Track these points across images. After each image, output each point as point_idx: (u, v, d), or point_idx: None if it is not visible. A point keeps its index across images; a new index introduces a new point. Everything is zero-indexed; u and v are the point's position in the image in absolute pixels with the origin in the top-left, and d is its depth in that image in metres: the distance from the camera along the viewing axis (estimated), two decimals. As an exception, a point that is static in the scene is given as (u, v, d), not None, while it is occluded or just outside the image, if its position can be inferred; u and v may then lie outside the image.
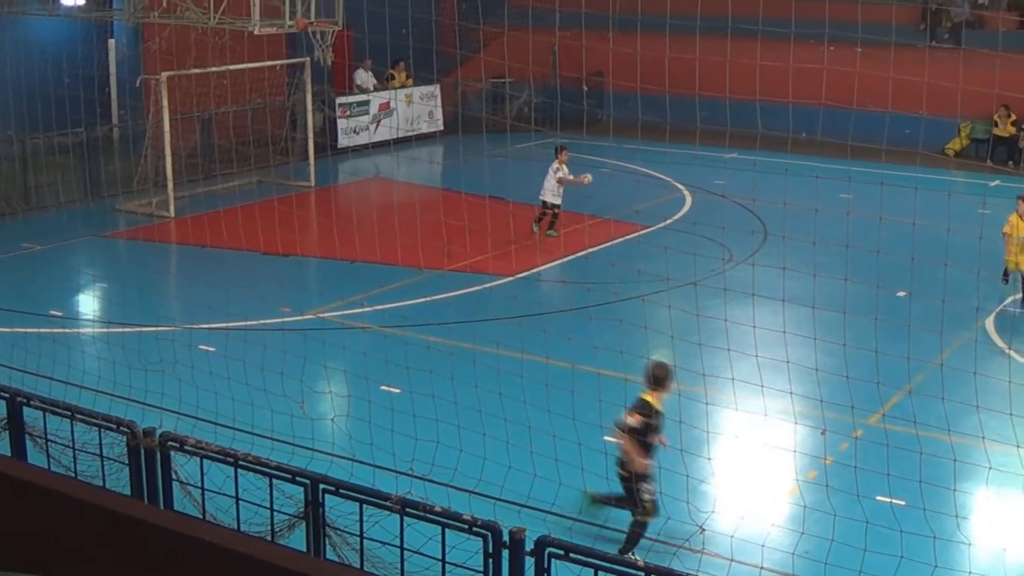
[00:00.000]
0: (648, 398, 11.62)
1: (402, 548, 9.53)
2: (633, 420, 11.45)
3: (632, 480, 11.33)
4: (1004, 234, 19.65)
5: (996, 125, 31.44)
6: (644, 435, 11.51)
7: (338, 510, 10.15)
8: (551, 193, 23.43)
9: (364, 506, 9.76)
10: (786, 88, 32.60)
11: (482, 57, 35.93)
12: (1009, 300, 19.06)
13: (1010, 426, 13.36)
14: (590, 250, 22.20)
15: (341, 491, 10.04)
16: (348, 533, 9.98)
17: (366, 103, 32.40)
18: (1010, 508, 12.72)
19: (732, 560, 11.09)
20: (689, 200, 26.44)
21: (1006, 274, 19.81)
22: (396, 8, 31.83)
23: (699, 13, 32.98)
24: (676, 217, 24.73)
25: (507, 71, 34.37)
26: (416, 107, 33.74)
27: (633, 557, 11.00)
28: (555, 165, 23.53)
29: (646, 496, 11.35)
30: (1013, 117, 31.11)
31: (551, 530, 9.92)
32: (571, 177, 23.51)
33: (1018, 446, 13.19)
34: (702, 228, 22.87)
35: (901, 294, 19.00)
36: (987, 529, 12.32)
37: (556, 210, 23.51)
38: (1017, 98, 29.89)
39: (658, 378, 11.63)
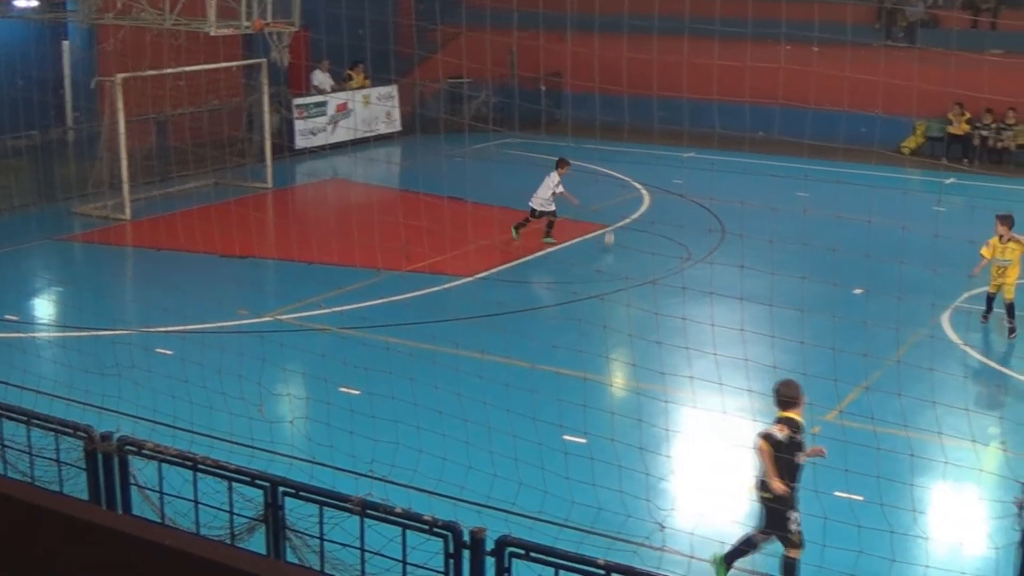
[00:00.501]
0: (792, 415, 10.99)
1: (363, 550, 9.51)
2: (779, 432, 10.81)
3: (776, 502, 10.76)
4: (982, 256, 18.53)
5: (950, 123, 31.73)
6: (790, 452, 10.87)
7: (298, 512, 10.12)
8: (541, 201, 23.06)
9: (324, 508, 9.74)
10: (743, 87, 32.88)
11: (440, 57, 35.90)
12: (965, 296, 19.19)
13: (966, 421, 13.47)
14: (549, 250, 22.24)
15: (300, 493, 10.01)
16: (308, 535, 9.95)
17: (323, 104, 32.32)
18: (966, 502, 12.82)
19: (692, 557, 11.14)
20: (647, 199, 26.54)
21: (990, 307, 18.54)
22: (353, 9, 31.83)
23: (657, 13, 33.25)
24: (634, 216, 24.80)
25: (465, 71, 34.38)
26: (374, 108, 33.68)
27: None
28: (555, 178, 23.06)
29: (793, 527, 10.74)
30: (967, 115, 31.39)
31: (512, 530, 9.91)
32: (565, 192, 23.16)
33: (974, 441, 13.32)
34: (660, 227, 22.95)
35: (858, 291, 19.15)
36: (944, 523, 12.41)
37: (551, 217, 23.07)
38: (971, 96, 30.18)
39: (792, 396, 11.01)
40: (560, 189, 23.00)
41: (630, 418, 13.73)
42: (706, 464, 13.57)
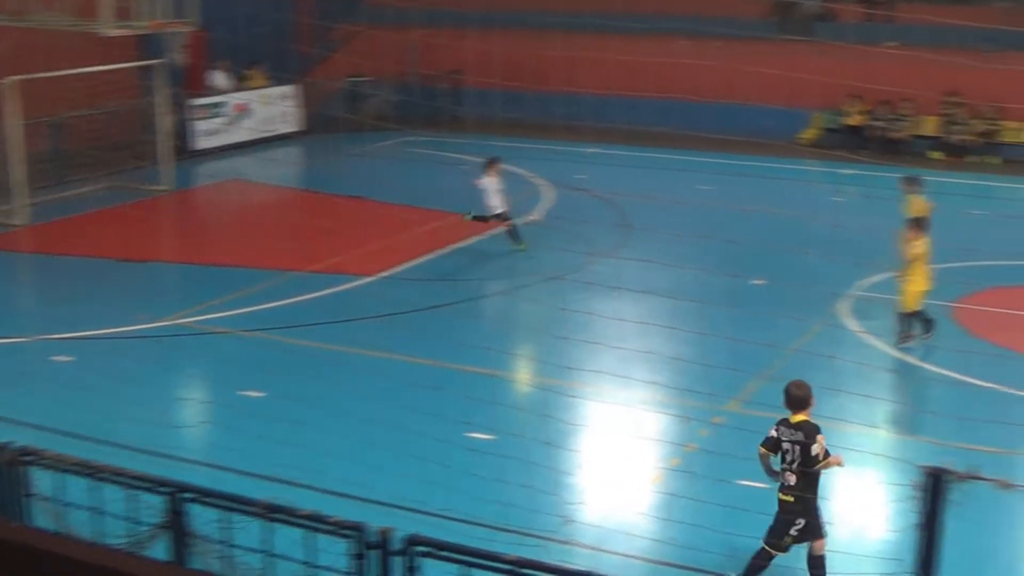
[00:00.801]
0: (804, 417, 10.61)
1: (268, 554, 9.43)
2: (824, 441, 10.42)
3: (797, 513, 10.40)
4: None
5: (847, 115, 32.21)
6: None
7: (203, 517, 10.01)
8: (497, 205, 21.87)
9: (229, 512, 9.63)
10: (644, 82, 33.08)
11: (340, 56, 35.72)
12: (863, 284, 19.46)
13: (865, 407, 13.71)
14: (453, 246, 22.19)
15: (204, 499, 9.89)
16: (213, 541, 9.84)
17: (222, 104, 31.96)
18: (867, 487, 13.02)
19: (599, 550, 11.19)
20: (551, 195, 26.59)
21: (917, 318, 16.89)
22: (251, 8, 31.55)
23: (557, 10, 33.33)
24: (539, 212, 24.81)
25: (364, 70, 34.26)
26: (273, 108, 33.40)
27: None
28: (488, 179, 22.02)
29: (794, 532, 10.44)
30: (863, 107, 31.90)
31: (420, 529, 9.89)
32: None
33: (874, 427, 13.56)
34: (565, 223, 23.02)
35: (759, 282, 19.37)
36: (846, 508, 12.58)
37: (490, 218, 21.95)
38: (867, 88, 30.67)
39: (804, 398, 10.65)
40: (492, 188, 21.98)
41: (537, 414, 13.79)
42: (612, 457, 13.63)
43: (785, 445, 10.55)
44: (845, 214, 22.69)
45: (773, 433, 10.68)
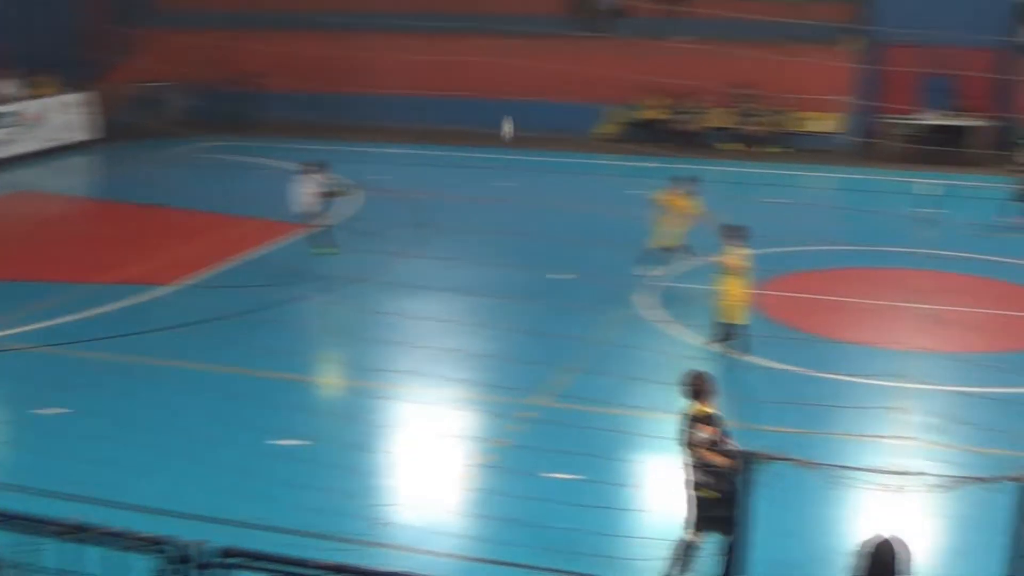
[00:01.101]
0: (705, 409, 10.27)
1: (73, 574, 9.15)
2: (708, 433, 10.08)
3: (724, 499, 9.91)
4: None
5: (644, 109, 32.82)
6: (717, 445, 10.15)
7: (3, 541, 9.65)
8: (307, 206, 21.13)
9: (31, 535, 9.31)
10: (444, 82, 33.15)
11: (137, 61, 34.93)
12: (669, 273, 19.82)
13: (670, 395, 13.95)
14: (254, 252, 21.86)
15: (4, 522, 9.53)
16: (14, 566, 9.49)
17: (9, 114, 30.86)
18: (674, 473, 13.27)
19: (415, 550, 11.16)
20: (352, 196, 26.44)
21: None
22: (41, 14, 30.56)
23: (356, 10, 33.13)
24: (342, 215, 24.62)
25: (163, 74, 33.57)
26: (66, 115, 32.38)
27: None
28: (306, 181, 21.04)
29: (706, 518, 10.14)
30: (661, 100, 32.55)
31: (233, 540, 9.70)
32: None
33: (675, 413, 13.82)
34: (368, 224, 22.94)
35: (561, 276, 19.60)
36: (656, 494, 12.81)
37: (313, 223, 21.24)
38: (664, 82, 31.33)
39: (702, 388, 10.30)
40: (314, 190, 21.19)
41: (346, 417, 13.72)
42: (424, 457, 13.63)
43: (684, 438, 10.27)
44: (643, 206, 23.13)
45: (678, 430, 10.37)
